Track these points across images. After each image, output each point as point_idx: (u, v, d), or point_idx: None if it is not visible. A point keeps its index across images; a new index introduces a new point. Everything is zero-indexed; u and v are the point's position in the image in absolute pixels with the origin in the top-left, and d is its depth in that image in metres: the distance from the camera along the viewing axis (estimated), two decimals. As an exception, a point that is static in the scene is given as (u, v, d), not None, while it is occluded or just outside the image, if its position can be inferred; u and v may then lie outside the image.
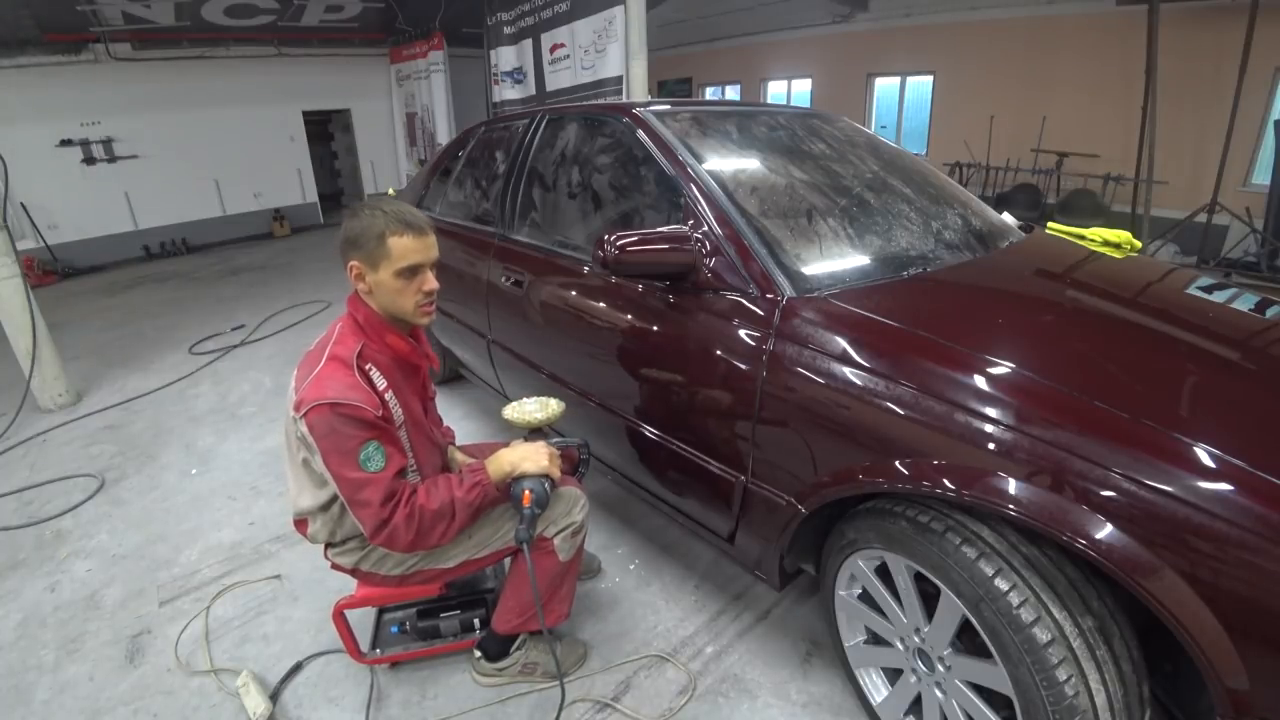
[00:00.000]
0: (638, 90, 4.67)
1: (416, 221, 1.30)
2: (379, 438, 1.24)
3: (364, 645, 1.64)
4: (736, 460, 1.48)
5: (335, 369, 1.25)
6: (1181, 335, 1.37)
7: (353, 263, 1.31)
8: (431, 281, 1.35)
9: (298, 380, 1.30)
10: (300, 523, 1.47)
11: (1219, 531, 0.86)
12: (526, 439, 1.49)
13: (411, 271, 1.30)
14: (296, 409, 1.23)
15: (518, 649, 1.61)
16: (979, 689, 1.18)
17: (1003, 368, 1.12)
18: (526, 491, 1.33)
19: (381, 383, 1.32)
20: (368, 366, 1.30)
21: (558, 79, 5.63)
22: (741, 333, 1.43)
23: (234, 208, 8.27)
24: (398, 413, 1.35)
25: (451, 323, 2.70)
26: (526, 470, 1.36)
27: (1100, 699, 0.99)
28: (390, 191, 3.91)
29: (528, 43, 5.92)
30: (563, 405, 1.64)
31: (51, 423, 3.26)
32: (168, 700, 1.62)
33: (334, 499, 1.36)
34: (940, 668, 1.24)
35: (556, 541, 1.46)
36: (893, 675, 1.43)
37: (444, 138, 7.48)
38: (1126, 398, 1.05)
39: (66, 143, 6.85)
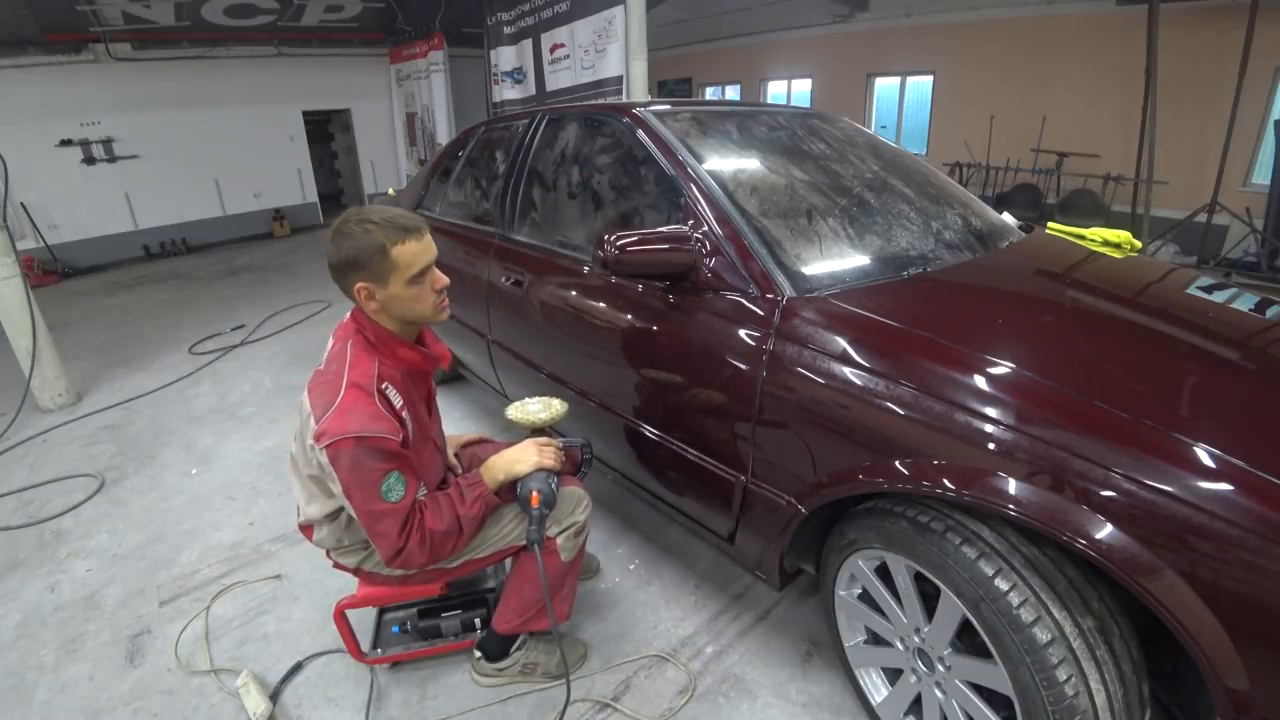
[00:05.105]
0: (638, 90, 4.67)
1: (412, 223, 1.25)
2: (399, 467, 1.22)
3: (365, 645, 1.64)
4: (737, 460, 1.48)
5: (357, 398, 1.21)
6: (1181, 335, 1.37)
7: (360, 285, 1.25)
8: (441, 278, 1.32)
9: (314, 406, 1.24)
10: (306, 528, 1.47)
11: (1219, 531, 0.86)
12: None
13: (421, 275, 1.27)
14: (318, 439, 1.19)
15: (518, 649, 1.61)
16: (979, 689, 1.18)
17: (1003, 367, 1.12)
18: (534, 493, 1.33)
19: (398, 401, 1.29)
20: (385, 387, 1.27)
21: (558, 79, 5.63)
22: (741, 333, 1.43)
23: (234, 208, 8.26)
24: (410, 427, 1.33)
25: (451, 322, 2.70)
26: (519, 472, 1.37)
27: (1100, 699, 1.00)
28: (390, 192, 3.90)
29: (528, 43, 5.92)
30: (566, 405, 1.64)
31: (51, 423, 3.25)
32: (168, 700, 1.62)
33: (341, 509, 1.36)
34: (940, 668, 1.24)
35: (559, 541, 1.46)
36: (893, 675, 1.43)
37: (444, 138, 7.47)
38: (1126, 398, 1.05)
39: (66, 143, 6.84)
